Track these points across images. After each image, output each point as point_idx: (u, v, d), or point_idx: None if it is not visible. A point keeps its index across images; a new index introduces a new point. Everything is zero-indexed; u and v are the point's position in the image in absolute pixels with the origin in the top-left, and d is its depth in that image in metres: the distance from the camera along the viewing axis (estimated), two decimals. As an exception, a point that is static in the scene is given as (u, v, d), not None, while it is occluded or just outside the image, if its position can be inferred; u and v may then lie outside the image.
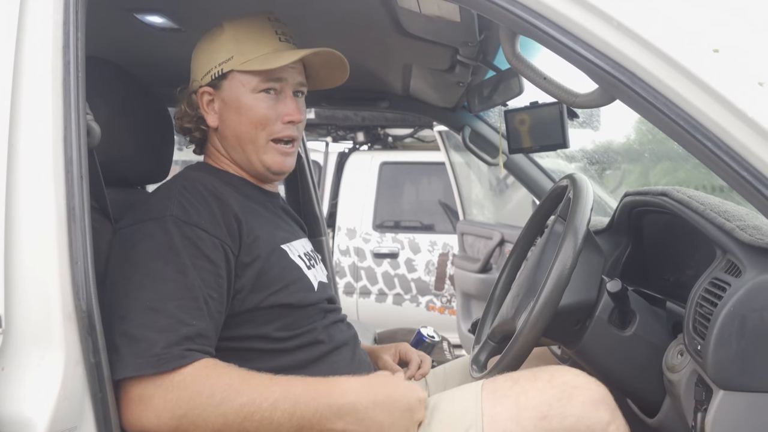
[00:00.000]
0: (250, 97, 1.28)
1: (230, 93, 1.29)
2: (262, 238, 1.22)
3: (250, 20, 1.30)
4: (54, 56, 0.97)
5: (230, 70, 1.28)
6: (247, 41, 1.28)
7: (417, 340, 2.15)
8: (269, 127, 1.29)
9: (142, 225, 1.14)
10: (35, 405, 0.90)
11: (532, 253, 1.46)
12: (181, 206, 1.14)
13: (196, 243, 1.12)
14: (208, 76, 1.30)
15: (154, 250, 1.10)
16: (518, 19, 0.98)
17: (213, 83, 1.30)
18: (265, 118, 1.28)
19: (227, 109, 1.30)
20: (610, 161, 4.15)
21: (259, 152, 1.30)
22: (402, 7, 1.36)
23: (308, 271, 1.31)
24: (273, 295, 1.20)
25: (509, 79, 1.80)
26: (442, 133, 3.77)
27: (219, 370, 1.06)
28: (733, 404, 1.00)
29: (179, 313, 1.06)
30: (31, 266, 0.93)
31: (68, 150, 0.96)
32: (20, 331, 0.92)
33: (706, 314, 1.04)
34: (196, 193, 1.18)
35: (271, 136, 1.29)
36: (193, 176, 1.25)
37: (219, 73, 1.29)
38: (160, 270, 1.09)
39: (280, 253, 1.26)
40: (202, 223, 1.14)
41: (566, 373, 1.10)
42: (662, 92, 0.94)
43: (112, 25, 1.46)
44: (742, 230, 1.06)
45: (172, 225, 1.12)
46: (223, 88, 1.30)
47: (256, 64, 1.26)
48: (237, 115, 1.29)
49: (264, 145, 1.29)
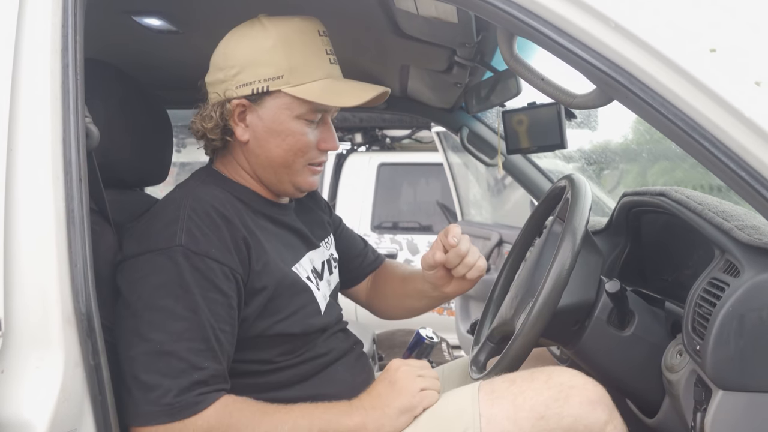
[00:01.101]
0: (293, 123, 1.21)
1: (271, 113, 1.20)
2: (272, 263, 1.18)
3: (298, 30, 1.21)
4: (53, 59, 0.97)
5: (278, 89, 1.19)
6: (300, 61, 1.19)
7: (416, 341, 2.15)
8: (308, 154, 1.24)
9: (150, 256, 1.09)
10: (35, 407, 0.90)
11: (531, 254, 1.46)
12: (189, 233, 1.09)
13: (207, 275, 1.08)
14: (248, 88, 1.19)
15: (164, 286, 1.07)
16: (515, 20, 0.98)
17: (253, 97, 1.20)
18: (306, 146, 1.23)
19: (265, 129, 1.21)
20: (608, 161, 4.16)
21: (293, 175, 1.25)
22: (399, 8, 1.36)
23: (318, 292, 1.28)
24: (279, 323, 1.18)
25: (507, 79, 1.80)
26: (440, 134, 3.77)
27: (237, 407, 1.07)
28: (732, 404, 1.00)
29: (191, 357, 1.05)
30: (30, 269, 0.93)
31: (67, 152, 0.96)
32: (20, 334, 0.92)
33: (705, 314, 1.04)
34: (205, 217, 1.12)
35: (308, 162, 1.25)
36: (202, 195, 1.17)
37: (264, 90, 1.18)
38: (171, 308, 1.06)
39: (291, 278, 1.22)
40: (212, 252, 1.09)
41: (563, 373, 1.11)
42: (659, 93, 0.94)
43: (111, 28, 1.46)
44: (740, 230, 1.06)
45: (182, 257, 1.07)
46: (264, 105, 1.20)
47: (313, 93, 1.19)
48: (276, 138, 1.21)
49: (300, 169, 1.25)
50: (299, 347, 1.23)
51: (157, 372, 1.03)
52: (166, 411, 1.02)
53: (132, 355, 1.05)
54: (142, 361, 1.04)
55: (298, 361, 1.23)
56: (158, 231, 1.12)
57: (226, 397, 1.08)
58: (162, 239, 1.10)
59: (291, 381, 1.22)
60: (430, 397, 1.14)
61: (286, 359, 1.21)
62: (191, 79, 1.29)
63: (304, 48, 1.20)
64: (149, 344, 1.04)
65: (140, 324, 1.06)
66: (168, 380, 1.03)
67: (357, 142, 4.88)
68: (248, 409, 1.08)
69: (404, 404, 1.12)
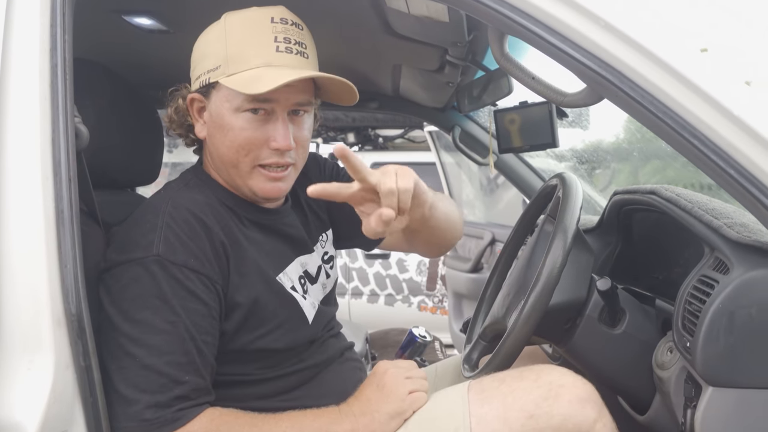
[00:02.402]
0: (233, 116, 1.13)
1: (215, 106, 1.15)
2: (254, 274, 1.14)
3: (250, 18, 1.14)
4: (41, 59, 0.96)
5: (216, 80, 1.14)
6: (236, 50, 1.12)
7: (409, 340, 2.15)
8: (253, 153, 1.14)
9: (128, 266, 1.05)
10: (25, 409, 0.90)
11: (523, 253, 1.47)
12: (167, 242, 1.05)
13: (186, 285, 1.04)
14: (198, 81, 1.17)
15: (141, 298, 1.03)
16: (506, 19, 0.98)
17: (202, 91, 1.17)
18: (248, 142, 1.13)
19: (213, 124, 1.17)
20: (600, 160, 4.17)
21: (244, 177, 1.16)
22: (391, 7, 1.36)
23: (305, 301, 1.23)
24: (261, 338, 1.15)
25: (498, 79, 1.80)
26: (432, 133, 3.78)
27: (224, 420, 1.04)
28: (722, 400, 1.00)
29: (171, 371, 1.02)
30: (20, 270, 0.92)
31: (56, 153, 0.96)
32: (9, 336, 0.92)
33: (695, 311, 1.05)
34: (184, 224, 1.07)
35: (255, 162, 1.15)
36: (181, 201, 1.12)
37: (206, 82, 1.15)
38: (149, 321, 1.02)
39: (275, 288, 1.18)
40: (190, 262, 1.05)
41: (552, 371, 1.11)
42: (649, 91, 0.95)
43: (100, 27, 1.46)
44: (729, 228, 1.07)
45: (158, 267, 1.03)
46: (211, 98, 1.16)
47: (238, 82, 1.10)
48: (220, 134, 1.15)
49: (248, 170, 1.16)
50: (283, 361, 1.20)
51: (136, 387, 1.00)
52: (144, 427, 0.99)
53: (113, 368, 1.02)
54: (122, 374, 1.01)
55: (282, 374, 1.20)
56: (136, 240, 1.08)
57: (212, 411, 1.05)
58: (139, 249, 1.06)
59: (276, 392, 1.19)
60: (419, 399, 1.14)
61: (270, 372, 1.18)
62: (181, 78, 1.28)
63: (243, 36, 1.13)
64: (128, 358, 1.02)
65: (120, 337, 1.03)
66: (146, 395, 1.00)
67: (349, 142, 4.87)
68: (236, 422, 1.05)
69: (394, 409, 1.11)
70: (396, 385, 1.13)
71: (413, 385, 1.15)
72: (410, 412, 1.12)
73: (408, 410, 1.12)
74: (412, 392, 1.14)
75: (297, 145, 1.18)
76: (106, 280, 1.08)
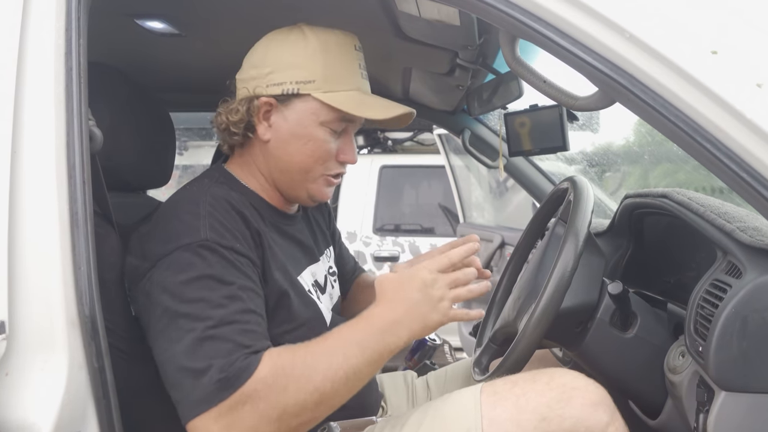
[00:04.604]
0: (317, 129, 1.21)
1: (297, 116, 1.21)
2: (282, 269, 1.19)
3: (337, 41, 1.22)
4: (56, 62, 0.97)
5: (308, 93, 1.20)
6: (333, 70, 1.20)
7: (418, 342, 2.15)
8: (326, 164, 1.24)
9: (177, 254, 1.06)
10: (39, 410, 0.90)
11: (533, 256, 1.46)
12: (213, 228, 1.09)
13: (237, 266, 1.08)
14: (279, 88, 1.20)
15: (196, 281, 1.04)
16: (518, 23, 0.98)
17: (281, 97, 1.21)
18: (327, 154, 1.23)
19: (288, 131, 1.22)
20: (610, 163, 4.15)
21: (308, 182, 1.25)
22: (402, 11, 1.36)
23: (321, 305, 1.27)
24: (285, 335, 1.16)
25: (509, 82, 1.80)
26: (441, 136, 3.78)
27: (284, 357, 1.02)
28: (735, 405, 1.00)
29: (236, 337, 1.01)
30: (34, 272, 0.93)
31: (71, 155, 0.96)
32: (24, 337, 0.92)
33: (708, 315, 1.04)
34: (225, 213, 1.12)
35: (325, 171, 1.25)
36: (220, 193, 1.16)
37: (294, 92, 1.19)
38: (207, 298, 1.03)
39: (297, 287, 1.22)
40: (237, 246, 1.09)
41: (565, 375, 1.11)
42: (661, 95, 0.95)
43: (114, 32, 1.47)
44: (742, 231, 1.06)
45: (208, 251, 1.06)
46: (291, 106, 1.21)
47: (342, 102, 1.19)
48: (297, 142, 1.21)
49: (316, 177, 1.25)
50: None
51: (205, 356, 0.99)
52: (222, 384, 0.98)
53: (177, 351, 1.01)
54: (186, 352, 1.00)
55: None
56: (180, 229, 1.09)
57: (270, 353, 1.03)
58: (186, 235, 1.08)
59: None
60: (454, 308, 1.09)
61: None
62: (194, 82, 1.29)
63: (339, 58, 1.22)
64: (191, 334, 1.00)
65: (179, 319, 1.02)
66: (218, 360, 0.99)
67: (359, 145, 4.89)
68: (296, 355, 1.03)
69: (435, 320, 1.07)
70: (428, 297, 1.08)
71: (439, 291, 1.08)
72: None
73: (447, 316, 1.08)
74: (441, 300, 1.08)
75: None
76: (155, 275, 1.08)
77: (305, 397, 1.00)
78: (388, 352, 1.06)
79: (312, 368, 1.01)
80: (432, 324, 1.07)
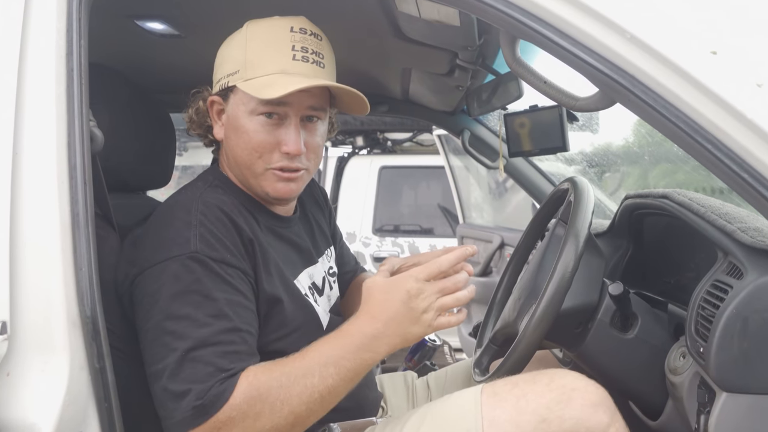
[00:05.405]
0: (247, 119, 1.17)
1: (232, 109, 1.20)
2: (276, 273, 1.17)
3: (271, 26, 1.18)
4: (57, 64, 0.97)
5: (234, 84, 1.18)
6: (255, 55, 1.17)
7: (418, 343, 2.15)
8: (266, 156, 1.18)
9: (166, 264, 1.06)
10: (40, 410, 0.91)
11: (534, 257, 1.47)
12: (203, 239, 1.07)
13: (226, 279, 1.06)
14: (218, 85, 1.22)
15: (182, 295, 1.04)
16: (518, 24, 0.98)
17: (221, 94, 1.21)
18: (260, 145, 1.17)
19: (229, 126, 1.21)
20: (610, 164, 4.15)
21: (257, 178, 1.20)
22: (401, 11, 1.36)
23: (318, 307, 1.26)
24: (279, 340, 1.16)
25: (508, 82, 1.80)
26: (441, 137, 3.77)
27: (261, 379, 1.02)
28: (736, 406, 1.00)
29: (217, 361, 1.01)
30: (35, 273, 0.93)
31: (72, 156, 0.97)
32: (25, 338, 0.93)
33: (708, 316, 1.04)
34: (216, 221, 1.10)
35: (267, 165, 1.18)
36: (212, 200, 1.14)
37: (225, 85, 1.20)
38: (192, 316, 1.03)
39: (293, 291, 1.21)
40: (227, 258, 1.08)
41: (565, 375, 1.11)
42: (662, 95, 0.95)
43: (114, 33, 1.47)
44: (743, 232, 1.06)
45: (197, 263, 1.05)
46: (229, 101, 1.21)
47: (252, 87, 1.15)
48: (235, 136, 1.19)
49: (261, 172, 1.19)
50: None
51: (185, 380, 1.00)
52: (198, 411, 0.99)
53: (160, 368, 1.02)
54: (169, 372, 1.01)
55: None
56: (170, 238, 1.08)
57: (246, 373, 1.03)
58: (176, 246, 1.07)
59: None
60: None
61: None
62: (193, 82, 1.29)
63: (263, 44, 1.17)
64: (174, 354, 1.01)
65: (163, 336, 1.03)
66: (197, 385, 1.00)
67: (358, 146, 4.88)
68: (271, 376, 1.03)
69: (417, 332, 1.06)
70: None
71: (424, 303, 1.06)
72: None
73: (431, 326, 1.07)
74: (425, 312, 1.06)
75: (308, 151, 1.21)
76: (141, 283, 1.08)
77: (279, 421, 1.01)
78: (365, 368, 1.06)
79: (288, 391, 1.02)
80: (412, 338, 1.07)
